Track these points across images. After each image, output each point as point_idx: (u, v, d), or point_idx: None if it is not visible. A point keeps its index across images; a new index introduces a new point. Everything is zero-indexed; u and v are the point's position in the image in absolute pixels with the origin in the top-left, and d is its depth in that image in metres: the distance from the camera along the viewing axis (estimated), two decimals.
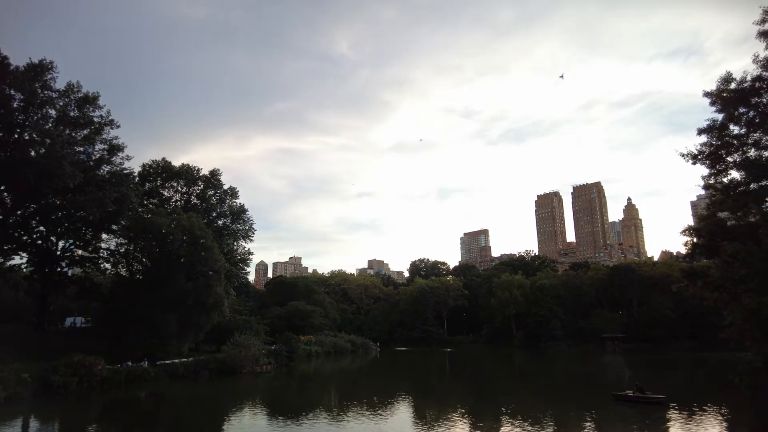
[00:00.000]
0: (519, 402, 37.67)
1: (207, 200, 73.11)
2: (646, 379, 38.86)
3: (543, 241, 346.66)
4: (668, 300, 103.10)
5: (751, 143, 21.78)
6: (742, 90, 22.17)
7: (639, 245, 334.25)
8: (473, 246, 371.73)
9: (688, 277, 22.50)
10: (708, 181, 23.29)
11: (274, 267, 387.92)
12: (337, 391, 47.15)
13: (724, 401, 32.22)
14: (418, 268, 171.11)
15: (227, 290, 62.22)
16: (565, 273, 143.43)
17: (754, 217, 17.27)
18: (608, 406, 32.68)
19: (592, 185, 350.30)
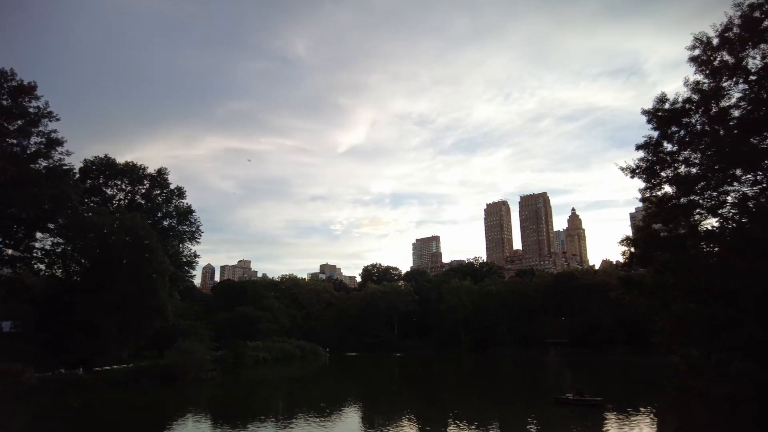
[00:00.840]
0: (465, 406, 38.36)
1: (152, 200, 70.23)
2: (585, 383, 40.53)
3: (491, 248, 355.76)
4: (607, 306, 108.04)
5: (682, 160, 23.31)
6: (675, 110, 23.72)
7: (582, 254, 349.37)
8: (425, 252, 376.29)
9: (625, 285, 23.69)
10: (644, 195, 24.65)
11: (222, 270, 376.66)
12: (284, 397, 46.31)
13: (656, 402, 34.13)
14: (371, 273, 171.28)
15: (171, 294, 59.92)
16: (512, 279, 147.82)
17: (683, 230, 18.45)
18: (549, 408, 33.82)
19: (538, 195, 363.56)
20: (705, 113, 23.19)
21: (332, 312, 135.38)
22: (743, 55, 22.41)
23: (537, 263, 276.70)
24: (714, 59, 23.02)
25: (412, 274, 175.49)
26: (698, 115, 23.40)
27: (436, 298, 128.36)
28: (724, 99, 22.97)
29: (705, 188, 21.40)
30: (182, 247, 72.26)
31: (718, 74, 22.99)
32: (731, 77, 22.74)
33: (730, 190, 20.99)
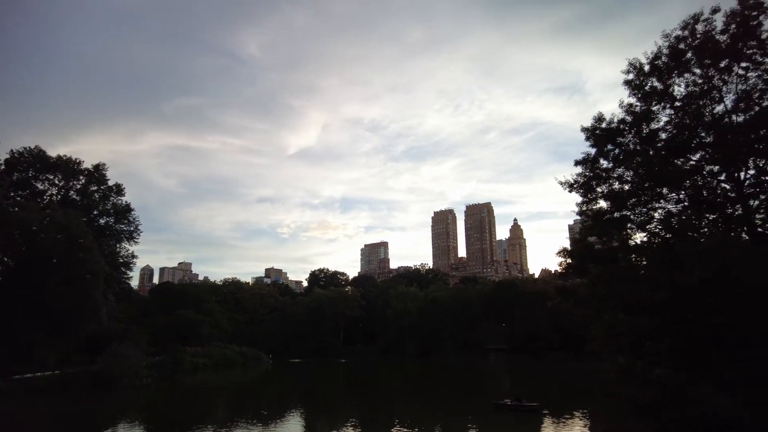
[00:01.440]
0: (408, 412, 38.70)
1: (88, 196, 66.42)
2: (523, 388, 41.92)
3: (437, 255, 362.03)
4: (546, 314, 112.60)
5: (616, 177, 24.77)
6: (610, 129, 25.19)
7: (522, 263, 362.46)
8: (373, 258, 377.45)
9: (562, 295, 24.82)
10: (581, 208, 25.95)
11: (162, 272, 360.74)
12: (224, 405, 44.86)
13: (588, 407, 35.86)
14: (318, 278, 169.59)
15: (106, 296, 56.73)
16: (456, 286, 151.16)
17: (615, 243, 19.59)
18: (489, 414, 34.71)
19: (483, 205, 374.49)
20: (637, 134, 24.79)
21: (277, 317, 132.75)
22: (670, 82, 24.18)
23: (480, 271, 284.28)
24: (645, 84, 24.67)
25: (359, 280, 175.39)
26: (631, 135, 24.97)
27: (383, 304, 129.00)
28: (654, 122, 24.67)
29: (636, 204, 22.88)
30: (119, 247, 68.80)
31: (648, 98, 24.66)
32: (660, 102, 24.47)
33: (657, 207, 22.57)
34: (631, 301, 14.90)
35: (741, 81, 22.51)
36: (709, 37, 22.55)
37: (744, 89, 22.41)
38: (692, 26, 23.01)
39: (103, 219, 68.22)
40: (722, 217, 20.95)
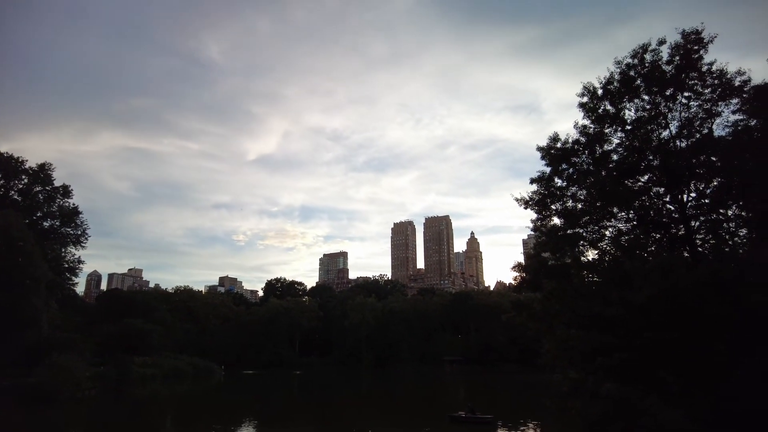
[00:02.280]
0: (363, 424, 38.36)
1: (32, 197, 62.73)
2: (478, 400, 42.43)
3: (396, 266, 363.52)
4: (501, 326, 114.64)
5: (570, 195, 25.73)
6: (565, 149, 26.19)
7: (478, 275, 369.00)
8: (332, 267, 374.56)
9: (516, 308, 25.41)
10: (536, 224, 26.76)
11: (110, 279, 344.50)
12: (173, 418, 43.06)
13: (541, 420, 36.63)
14: (274, 288, 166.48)
15: (48, 303, 53.53)
16: (414, 298, 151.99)
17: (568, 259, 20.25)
18: (443, 426, 34.88)
19: (441, 218, 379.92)
20: (590, 155, 25.88)
21: (230, 327, 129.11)
22: (621, 107, 25.45)
23: (438, 282, 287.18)
24: (598, 107, 25.86)
25: (317, 290, 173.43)
26: (585, 155, 26.05)
27: (341, 315, 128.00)
28: (606, 143, 25.85)
29: (588, 222, 23.82)
30: (65, 252, 65.24)
31: (601, 121, 25.84)
32: (612, 125, 25.69)
33: (608, 225, 23.60)
34: (583, 317, 15.44)
35: (684, 109, 23.96)
36: (657, 66, 23.92)
37: (687, 117, 23.87)
38: (641, 55, 24.36)
39: (47, 222, 64.60)
40: (667, 237, 22.11)
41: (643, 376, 12.88)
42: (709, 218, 22.75)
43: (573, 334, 14.50)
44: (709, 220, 22.75)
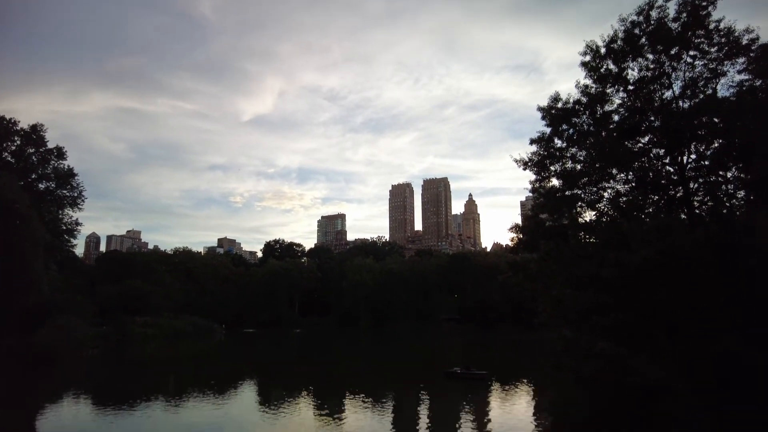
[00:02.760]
0: (361, 380, 39.47)
1: (25, 159, 61.86)
2: (473, 357, 43.54)
3: (394, 228, 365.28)
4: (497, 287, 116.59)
5: (569, 156, 25.50)
6: (566, 110, 25.77)
7: (476, 237, 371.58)
8: (330, 229, 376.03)
9: (512, 269, 25.67)
10: (534, 186, 26.65)
11: (109, 240, 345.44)
12: (175, 376, 44.19)
13: (535, 376, 37.73)
14: (273, 249, 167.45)
15: (47, 265, 53.78)
16: (411, 259, 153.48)
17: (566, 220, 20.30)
18: (439, 381, 35.93)
19: (440, 180, 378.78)
20: (591, 115, 25.50)
21: (230, 288, 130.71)
22: (624, 66, 24.87)
23: (435, 244, 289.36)
24: (601, 66, 25.26)
25: (316, 251, 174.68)
26: (585, 116, 25.66)
27: (339, 276, 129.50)
28: (607, 104, 25.42)
29: (587, 184, 23.72)
30: (62, 214, 64.87)
31: (603, 80, 25.30)
32: (614, 85, 25.18)
33: (607, 186, 23.51)
34: (579, 277, 15.60)
35: (689, 68, 23.43)
36: (662, 24, 23.22)
37: (691, 77, 23.37)
38: (647, 12, 23.59)
39: (42, 184, 63.91)
40: (665, 198, 22.10)
41: (636, 335, 13.14)
42: (708, 180, 22.66)
43: (569, 294, 14.70)
44: (707, 182, 22.66)
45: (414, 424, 24.87)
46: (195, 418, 24.68)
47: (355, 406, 28.15)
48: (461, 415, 26.12)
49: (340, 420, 24.66)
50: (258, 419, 24.57)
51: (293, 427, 22.52)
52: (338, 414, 26.27)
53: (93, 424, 23.94)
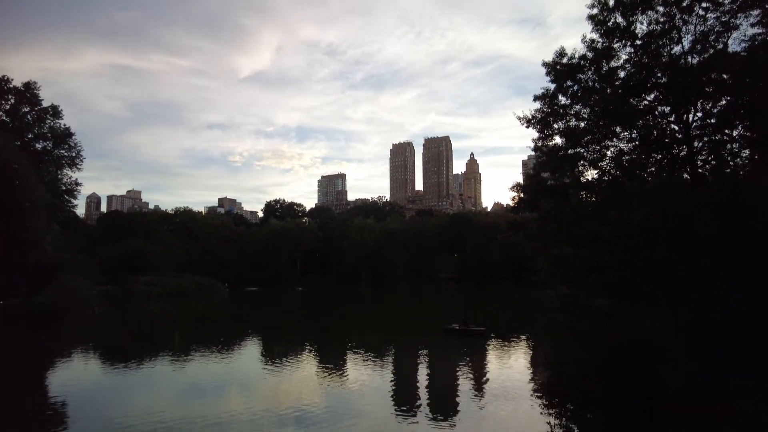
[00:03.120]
0: (363, 337, 40.36)
1: (20, 118, 61.00)
2: (472, 315, 44.28)
3: (395, 188, 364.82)
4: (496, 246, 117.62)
5: (573, 114, 25.04)
6: (571, 65, 25.11)
7: (476, 197, 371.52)
8: (330, 189, 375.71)
9: (513, 228, 25.74)
10: (537, 144, 26.30)
11: (109, 201, 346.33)
12: (180, 333, 45.15)
13: (532, 332, 38.50)
14: (273, 209, 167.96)
15: (49, 225, 53.97)
16: (412, 219, 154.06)
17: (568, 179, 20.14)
18: (438, 338, 36.69)
19: (441, 139, 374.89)
20: (596, 71, 24.85)
21: (232, 248, 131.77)
22: (633, 19, 24.03)
23: (436, 204, 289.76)
24: (609, 20, 24.41)
25: (316, 211, 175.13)
26: (591, 72, 25.01)
27: (340, 236, 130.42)
28: (614, 59, 24.73)
29: (590, 142, 23.39)
30: (60, 174, 64.63)
31: (610, 35, 24.51)
32: (621, 39, 24.40)
33: (610, 145, 23.20)
34: (579, 236, 15.62)
35: (700, 21, 22.64)
36: None
37: (702, 30, 22.62)
38: None
39: (39, 143, 63.29)
40: (668, 157, 21.85)
41: (634, 293, 13.27)
42: (713, 139, 22.33)
43: (568, 252, 14.76)
44: (712, 141, 22.35)
45: (413, 378, 25.57)
46: (201, 373, 25.36)
47: (356, 362, 28.87)
48: (459, 370, 26.81)
49: (342, 374, 25.34)
50: (262, 374, 25.24)
51: (296, 381, 23.15)
52: (340, 369, 26.96)
53: (102, 379, 24.62)
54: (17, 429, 17.05)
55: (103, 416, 17.58)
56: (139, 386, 22.74)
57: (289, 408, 18.33)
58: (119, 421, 16.72)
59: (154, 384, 23.23)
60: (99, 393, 21.28)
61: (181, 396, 20.44)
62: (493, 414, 17.94)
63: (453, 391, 22.08)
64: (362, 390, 21.42)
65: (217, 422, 16.47)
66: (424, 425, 16.65)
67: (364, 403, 19.18)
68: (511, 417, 17.50)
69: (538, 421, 16.21)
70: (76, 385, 22.51)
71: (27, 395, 21.80)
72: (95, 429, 16.08)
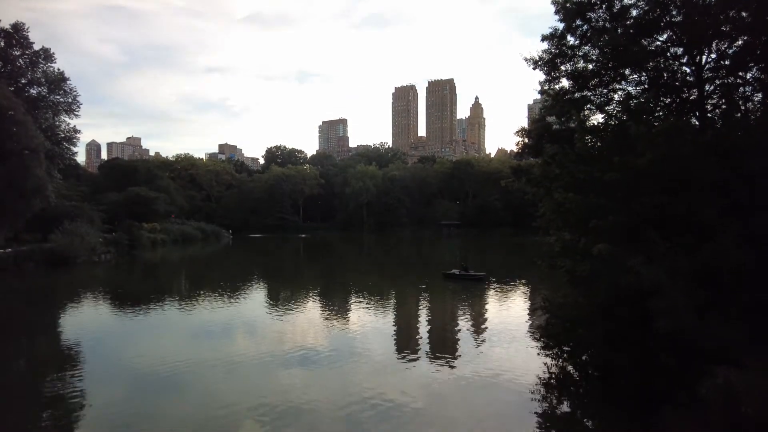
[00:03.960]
0: (365, 281, 41.19)
1: (11, 62, 59.27)
2: (472, 260, 44.94)
3: (397, 134, 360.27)
4: (498, 192, 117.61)
5: (581, 55, 24.05)
6: (582, 3, 23.86)
7: (480, 142, 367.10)
8: (332, 135, 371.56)
9: (515, 174, 25.42)
10: (543, 87, 25.49)
11: (109, 148, 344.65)
12: (187, 277, 46.14)
13: (530, 276, 39.16)
14: (274, 155, 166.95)
15: (51, 173, 53.82)
16: (414, 165, 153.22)
17: (573, 124, 19.71)
18: (438, 282, 37.43)
19: (445, 81, 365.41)
20: (608, 9, 23.63)
21: (234, 194, 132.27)
22: None
23: (439, 150, 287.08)
24: None
25: (318, 158, 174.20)
26: (602, 10, 23.81)
27: (342, 182, 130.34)
28: None
29: (597, 85, 22.64)
30: (58, 121, 63.62)
31: None
32: None
33: (617, 88, 22.46)
34: (582, 181, 15.46)
35: None
36: None
37: None
38: None
39: (34, 89, 61.82)
40: (678, 101, 21.24)
41: (633, 237, 13.32)
42: (725, 82, 21.60)
43: (570, 198, 14.67)
44: (724, 84, 21.63)
45: (414, 321, 26.30)
46: (208, 316, 26.10)
47: (358, 305, 29.59)
48: (459, 313, 27.53)
49: (344, 317, 26.06)
50: (268, 317, 25.97)
51: (301, 324, 23.82)
52: (343, 312, 27.69)
53: (113, 322, 25.41)
54: (33, 369, 17.76)
55: (115, 357, 18.26)
56: (149, 329, 23.49)
57: (295, 348, 18.98)
58: (131, 363, 17.38)
59: (163, 327, 23.97)
60: (110, 336, 22.02)
61: (191, 339, 21.14)
62: (491, 355, 18.57)
63: (452, 333, 22.77)
64: (364, 332, 22.09)
65: (226, 363, 17.10)
66: (424, 365, 17.28)
67: (367, 344, 19.82)
68: (509, 358, 18.12)
69: (535, 362, 16.80)
70: (88, 329, 23.25)
71: (40, 337, 22.59)
72: (109, 370, 16.74)
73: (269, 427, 11.91)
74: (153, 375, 15.89)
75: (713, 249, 12.13)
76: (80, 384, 15.21)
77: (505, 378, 15.51)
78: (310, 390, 14.33)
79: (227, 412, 12.66)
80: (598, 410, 13.20)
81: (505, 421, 12.39)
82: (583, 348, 14.29)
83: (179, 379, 15.54)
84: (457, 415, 12.59)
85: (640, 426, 11.75)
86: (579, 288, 14.13)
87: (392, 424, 12.07)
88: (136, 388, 14.83)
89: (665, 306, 10.93)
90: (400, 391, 14.24)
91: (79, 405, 13.54)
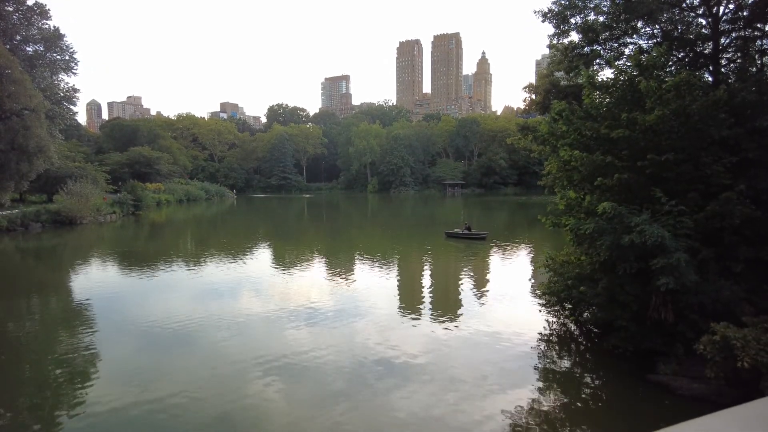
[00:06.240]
0: (369, 240, 41.49)
1: (5, 18, 57.74)
2: (476, 219, 45.00)
3: (401, 91, 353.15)
4: (503, 151, 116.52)
5: (592, 7, 23.14)
6: None
7: (486, 99, 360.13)
8: (334, 92, 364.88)
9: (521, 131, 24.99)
10: (552, 41, 24.67)
11: (110, 107, 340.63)
12: (192, 237, 46.54)
13: (533, 236, 39.31)
14: (277, 114, 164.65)
15: (52, 133, 53.47)
16: (419, 123, 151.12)
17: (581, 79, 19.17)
18: (441, 242, 37.64)
19: (451, 36, 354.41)
20: None
21: (237, 153, 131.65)
22: None
23: (444, 107, 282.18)
24: None
25: (320, 116, 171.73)
26: None
27: (345, 141, 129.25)
28: None
29: (608, 39, 21.87)
30: (57, 80, 62.59)
31: None
32: None
33: (629, 42, 21.70)
34: (589, 138, 15.18)
35: None
36: None
37: None
38: None
39: (30, 47, 60.51)
40: (691, 55, 20.53)
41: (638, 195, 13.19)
42: (742, 35, 20.78)
43: (576, 155, 14.41)
44: (740, 37, 20.82)
45: (417, 279, 26.60)
46: (215, 276, 26.44)
47: (363, 265, 29.90)
48: (461, 272, 27.78)
49: (348, 276, 26.36)
50: (273, 278, 26.28)
51: (306, 283, 24.15)
52: (347, 271, 28.00)
53: (122, 282, 25.81)
54: (46, 328, 18.20)
55: (125, 315, 18.65)
56: (157, 288, 23.87)
57: (300, 306, 19.32)
58: (140, 320, 17.77)
59: (171, 286, 24.34)
60: (120, 295, 22.42)
61: (198, 297, 21.49)
62: (493, 312, 18.85)
63: (455, 291, 23.05)
64: (368, 290, 22.39)
65: (233, 320, 17.46)
66: (428, 322, 17.58)
67: (370, 302, 20.13)
68: (511, 315, 18.40)
69: (537, 319, 17.06)
70: (97, 287, 23.64)
71: (51, 296, 23.06)
72: (119, 327, 17.13)
73: (276, 382, 12.25)
74: (162, 332, 16.26)
75: (718, 205, 12.03)
76: (91, 339, 15.64)
77: (507, 335, 15.79)
78: (316, 347, 14.66)
79: (234, 369, 13.02)
80: (597, 366, 13.49)
81: (507, 376, 12.69)
82: (584, 305, 14.46)
83: (188, 335, 15.91)
84: (460, 371, 12.89)
85: (638, 381, 12.03)
86: (582, 246, 14.12)
87: (396, 379, 12.39)
88: (146, 344, 15.22)
89: (667, 264, 10.95)
90: (404, 347, 14.56)
91: (91, 360, 13.95)
